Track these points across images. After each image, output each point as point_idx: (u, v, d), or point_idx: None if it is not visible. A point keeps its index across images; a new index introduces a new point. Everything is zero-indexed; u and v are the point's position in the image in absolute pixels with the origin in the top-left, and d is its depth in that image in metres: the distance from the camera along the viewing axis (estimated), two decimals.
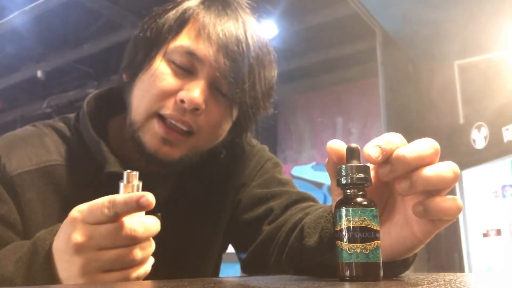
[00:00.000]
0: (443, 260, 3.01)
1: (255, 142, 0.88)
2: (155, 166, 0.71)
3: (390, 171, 0.42)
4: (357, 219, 0.40)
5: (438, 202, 0.43)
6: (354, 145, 0.43)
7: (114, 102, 0.76)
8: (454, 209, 0.43)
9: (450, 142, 2.86)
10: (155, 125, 0.66)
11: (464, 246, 2.85)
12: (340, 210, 0.41)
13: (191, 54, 0.67)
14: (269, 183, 0.80)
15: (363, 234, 0.40)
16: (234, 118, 0.72)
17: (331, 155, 0.45)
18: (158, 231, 0.49)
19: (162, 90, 0.66)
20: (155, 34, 0.70)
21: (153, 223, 0.48)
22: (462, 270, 2.83)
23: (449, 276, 0.45)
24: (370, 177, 0.42)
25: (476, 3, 2.49)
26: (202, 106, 0.66)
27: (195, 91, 0.65)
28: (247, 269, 0.78)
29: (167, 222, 0.54)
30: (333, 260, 0.43)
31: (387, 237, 0.47)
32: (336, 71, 3.82)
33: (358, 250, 0.40)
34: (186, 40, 0.68)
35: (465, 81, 3.13)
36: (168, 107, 0.66)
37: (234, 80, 0.67)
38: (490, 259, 2.76)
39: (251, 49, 0.68)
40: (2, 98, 4.47)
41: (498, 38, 2.76)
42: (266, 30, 3.04)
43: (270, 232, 0.71)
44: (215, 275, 0.84)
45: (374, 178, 0.46)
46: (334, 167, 0.46)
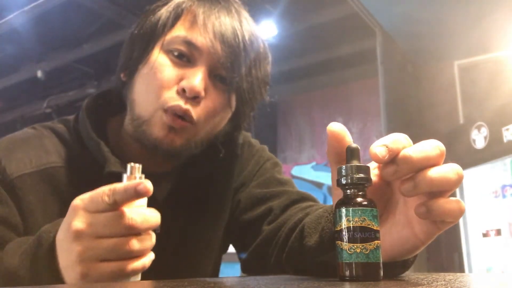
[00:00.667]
0: (443, 260, 3.01)
1: (255, 142, 0.88)
2: (156, 160, 0.71)
3: (395, 171, 0.42)
4: (357, 219, 0.40)
5: (441, 203, 0.42)
6: (354, 145, 0.43)
7: (112, 103, 0.76)
8: (457, 211, 0.43)
9: (450, 142, 2.86)
10: (163, 117, 0.67)
11: (464, 246, 2.85)
12: (340, 210, 0.41)
13: (189, 43, 0.68)
14: (268, 183, 0.80)
15: (363, 234, 0.40)
16: (234, 107, 0.73)
17: (330, 138, 0.45)
18: (158, 224, 0.49)
19: (163, 81, 0.67)
20: (151, 29, 0.71)
21: (152, 215, 0.48)
22: (462, 270, 2.83)
23: (449, 276, 0.45)
24: (370, 177, 0.42)
25: (476, 3, 2.49)
26: (202, 93, 0.67)
27: (196, 79, 0.67)
28: (247, 269, 0.78)
29: (167, 222, 0.54)
30: (333, 260, 0.43)
31: (388, 237, 0.47)
32: (336, 71, 3.82)
33: (358, 250, 0.40)
34: (182, 30, 0.69)
35: (465, 81, 3.13)
36: (171, 99, 0.67)
37: (231, 66, 0.68)
38: (490, 259, 2.76)
39: (246, 36, 0.70)
40: (2, 98, 4.47)
41: (498, 38, 2.76)
42: (265, 30, 3.04)
43: (270, 232, 0.71)
44: (215, 275, 0.84)
45: (377, 177, 0.46)
46: (334, 152, 0.45)
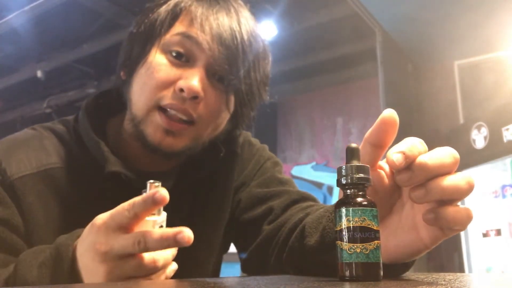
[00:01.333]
0: (443, 260, 3.01)
1: (255, 141, 0.88)
2: (156, 159, 0.71)
3: (410, 178, 0.42)
4: (357, 219, 0.40)
5: (450, 211, 0.42)
6: (354, 145, 0.43)
7: (112, 102, 0.76)
8: (466, 219, 0.43)
9: (450, 142, 2.86)
10: (157, 117, 0.67)
11: (464, 246, 2.85)
12: (340, 210, 0.41)
13: (188, 37, 0.67)
14: (269, 183, 0.80)
15: (363, 234, 0.40)
16: (232, 108, 0.73)
17: (384, 122, 0.44)
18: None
19: (160, 81, 0.67)
20: (149, 28, 0.70)
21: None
22: (462, 270, 2.83)
23: (449, 276, 0.45)
24: (370, 177, 0.42)
25: (476, 3, 2.49)
26: (201, 94, 0.66)
27: (194, 79, 0.66)
28: (247, 268, 0.78)
29: (167, 221, 0.54)
30: (333, 260, 0.43)
31: (393, 239, 0.47)
32: (336, 71, 3.82)
33: (358, 250, 0.40)
34: (180, 29, 0.69)
35: (465, 81, 3.13)
36: (167, 97, 0.66)
37: (229, 68, 0.68)
38: (490, 259, 2.76)
39: (245, 37, 0.69)
40: (2, 98, 4.46)
41: (499, 38, 2.76)
42: (265, 30, 3.04)
43: (270, 231, 0.71)
44: (216, 275, 0.84)
45: (388, 179, 0.46)
46: (382, 136, 0.45)
